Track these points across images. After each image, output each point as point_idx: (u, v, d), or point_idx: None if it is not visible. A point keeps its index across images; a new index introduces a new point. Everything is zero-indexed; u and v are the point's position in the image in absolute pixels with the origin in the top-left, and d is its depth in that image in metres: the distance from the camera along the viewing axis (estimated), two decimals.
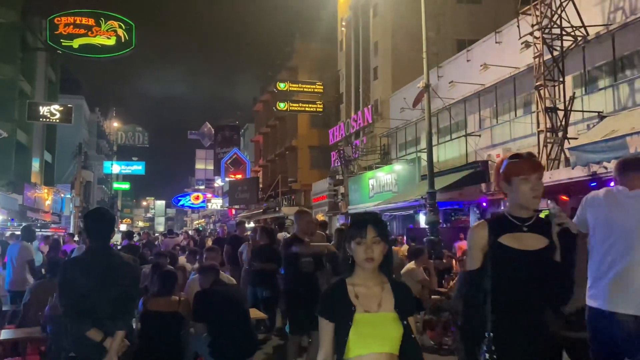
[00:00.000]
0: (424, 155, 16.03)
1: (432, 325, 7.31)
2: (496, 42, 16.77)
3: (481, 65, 16.91)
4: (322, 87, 33.05)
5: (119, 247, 10.13)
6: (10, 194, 24.10)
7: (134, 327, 4.36)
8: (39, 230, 24.92)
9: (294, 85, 33.45)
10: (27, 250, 8.86)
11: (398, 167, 20.44)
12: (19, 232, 20.16)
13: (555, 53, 12.81)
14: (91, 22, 27.02)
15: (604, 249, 2.97)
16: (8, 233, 18.70)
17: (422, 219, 16.94)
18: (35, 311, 5.91)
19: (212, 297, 5.07)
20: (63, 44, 26.73)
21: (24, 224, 21.97)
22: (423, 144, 19.01)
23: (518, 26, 13.98)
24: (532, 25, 13.21)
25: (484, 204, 15.73)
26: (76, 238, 15.70)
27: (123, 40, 27.40)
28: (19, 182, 26.27)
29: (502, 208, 14.85)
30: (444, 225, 16.94)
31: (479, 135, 17.55)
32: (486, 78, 16.95)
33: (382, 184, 21.11)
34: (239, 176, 45.19)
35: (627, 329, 2.83)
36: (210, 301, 5.03)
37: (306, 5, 48.18)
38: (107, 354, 3.38)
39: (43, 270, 8.31)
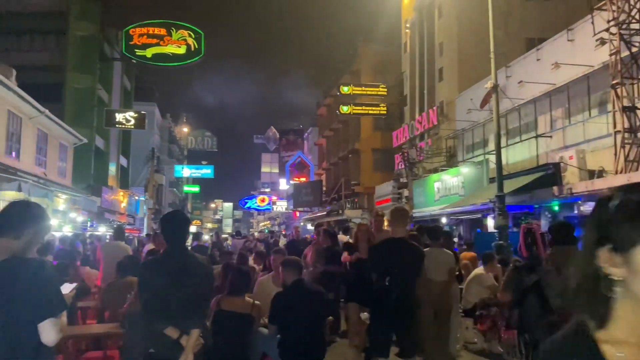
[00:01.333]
0: (492, 158, 15.63)
1: (482, 320, 7.87)
2: (568, 40, 16.12)
3: (552, 64, 16.30)
4: (385, 90, 32.88)
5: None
6: (90, 196, 25.52)
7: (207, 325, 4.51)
8: None
9: (357, 88, 33.47)
10: (125, 250, 9.39)
11: (465, 169, 20.01)
12: (97, 233, 21.33)
13: (634, 49, 12.17)
14: (163, 32, 28.25)
15: None
16: (88, 233, 19.83)
17: (490, 223, 16.50)
18: (113, 309, 6.22)
19: (291, 299, 4.98)
20: (137, 53, 28.11)
21: (104, 226, 23.20)
22: (491, 146, 18.52)
23: (592, 22, 13.37)
24: (608, 21, 12.61)
25: (556, 207, 15.14)
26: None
27: (193, 49, 28.47)
28: (97, 185, 27.80)
29: (575, 212, 14.27)
30: (513, 230, 16.42)
31: (551, 137, 16.91)
32: (557, 77, 16.31)
33: (448, 187, 20.74)
34: (303, 179, 45.73)
35: None
36: (288, 305, 4.96)
37: (369, 8, 48.07)
38: (184, 352, 3.54)
39: None
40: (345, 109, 33.02)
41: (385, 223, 8.34)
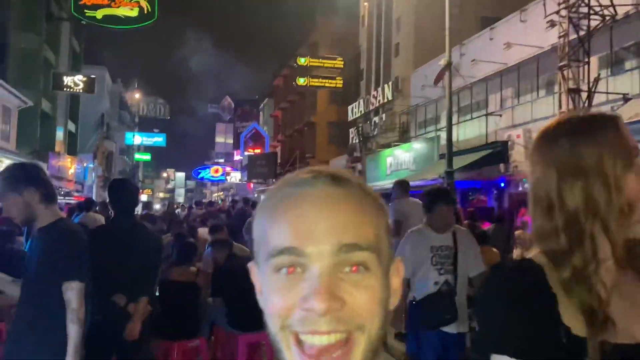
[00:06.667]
0: (444, 134, 15.97)
1: None
2: (521, 21, 16.48)
3: (504, 44, 16.66)
4: (342, 63, 32.82)
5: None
6: (36, 162, 24.61)
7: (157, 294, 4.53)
8: (62, 198, 25.51)
9: (314, 60, 33.26)
10: None
11: (417, 145, 20.37)
12: None
13: (582, 33, 12.56)
14: None
15: None
16: None
17: None
18: None
19: (228, 273, 5.16)
20: (87, 14, 26.87)
21: None
22: (443, 123, 18.89)
23: (544, 4, 13.70)
24: (559, 4, 12.94)
25: (502, 184, 15.68)
26: None
27: (145, 12, 27.45)
28: (43, 151, 26.81)
29: (520, 189, 14.84)
30: (461, 205, 16.93)
31: (500, 115, 17.39)
32: (509, 57, 16.71)
33: (399, 162, 21.10)
34: (257, 151, 45.45)
35: None
36: (227, 278, 5.14)
37: None
38: (132, 319, 3.56)
39: None
40: (302, 80, 32.80)
41: None
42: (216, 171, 59.92)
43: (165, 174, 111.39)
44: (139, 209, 15.41)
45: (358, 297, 0.61)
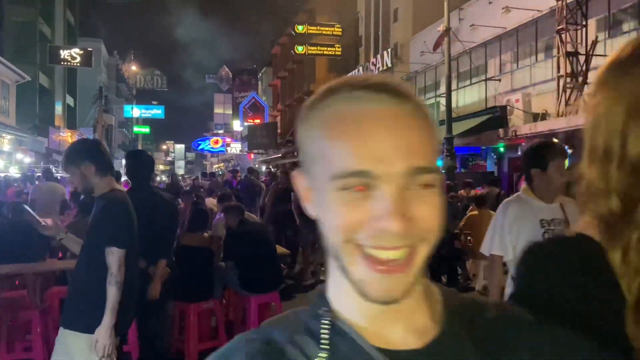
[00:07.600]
0: (443, 100, 16.06)
1: None
2: None
3: (503, 8, 16.61)
4: (340, 30, 32.56)
5: None
6: (36, 137, 24.75)
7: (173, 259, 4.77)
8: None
9: (312, 27, 32.95)
10: (59, 190, 9.31)
11: None
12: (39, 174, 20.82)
13: None
14: None
15: None
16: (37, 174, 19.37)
17: (439, 164, 17.15)
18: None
19: (240, 237, 5.41)
20: None
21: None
22: (442, 89, 18.95)
23: None
24: None
25: (502, 149, 15.86)
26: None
27: None
28: (43, 125, 26.90)
29: (519, 153, 15.03)
30: (461, 171, 17.14)
31: (499, 80, 17.44)
32: (508, 21, 16.67)
33: None
34: (257, 121, 45.39)
35: None
36: (239, 242, 5.38)
37: None
38: (152, 280, 3.81)
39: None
40: (300, 49, 32.57)
41: None
42: (216, 142, 59.88)
43: (164, 146, 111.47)
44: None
45: (425, 213, 0.63)
